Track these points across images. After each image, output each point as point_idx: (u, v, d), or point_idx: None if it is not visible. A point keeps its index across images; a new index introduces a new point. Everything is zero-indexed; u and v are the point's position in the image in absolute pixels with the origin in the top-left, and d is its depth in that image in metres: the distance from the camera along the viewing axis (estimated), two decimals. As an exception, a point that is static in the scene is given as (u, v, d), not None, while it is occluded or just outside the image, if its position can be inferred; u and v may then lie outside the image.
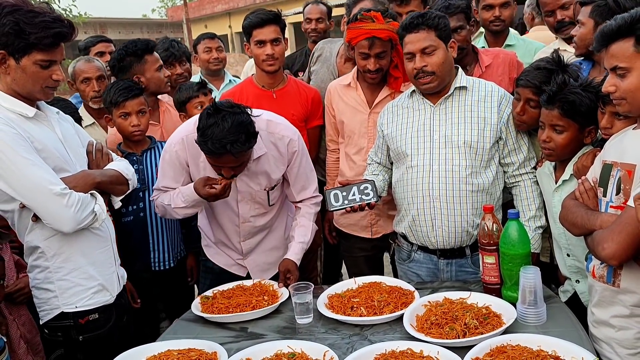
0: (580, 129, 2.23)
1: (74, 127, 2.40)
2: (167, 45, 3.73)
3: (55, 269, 2.20)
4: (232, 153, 2.25)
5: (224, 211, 2.67)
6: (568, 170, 2.27)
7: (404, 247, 2.69)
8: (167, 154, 2.59)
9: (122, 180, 2.38)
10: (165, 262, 2.94)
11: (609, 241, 1.76)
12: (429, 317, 2.07)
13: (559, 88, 2.22)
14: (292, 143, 2.61)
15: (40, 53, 2.05)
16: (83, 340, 2.25)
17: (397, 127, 2.62)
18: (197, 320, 2.36)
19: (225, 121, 2.23)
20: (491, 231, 2.22)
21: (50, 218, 2.09)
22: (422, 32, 2.41)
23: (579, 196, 2.01)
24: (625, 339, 1.86)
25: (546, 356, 1.73)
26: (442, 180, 2.47)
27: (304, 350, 1.96)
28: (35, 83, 2.09)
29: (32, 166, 2.02)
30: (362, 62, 2.86)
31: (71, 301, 2.22)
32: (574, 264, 2.30)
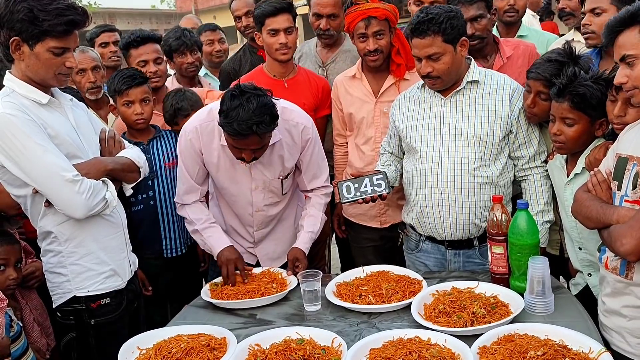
0: (591, 121, 2.22)
1: (87, 114, 2.42)
2: (179, 34, 3.69)
3: (67, 254, 2.23)
4: (258, 134, 2.27)
5: (237, 200, 2.69)
6: (580, 164, 2.27)
7: (412, 237, 2.70)
8: (182, 143, 2.61)
9: (134, 168, 2.39)
10: (177, 249, 2.96)
11: (628, 237, 1.75)
12: (436, 305, 2.08)
13: (569, 81, 2.20)
14: (306, 130, 2.63)
15: (53, 40, 2.06)
16: (95, 324, 2.28)
17: (408, 118, 2.62)
18: (207, 306, 2.38)
19: (250, 102, 2.25)
20: (500, 221, 2.22)
21: (62, 204, 2.11)
22: (428, 39, 2.37)
23: (591, 188, 2.00)
24: (636, 328, 1.86)
25: (553, 345, 1.73)
26: (451, 173, 2.47)
27: (312, 337, 1.97)
28: (48, 70, 2.11)
29: (45, 152, 2.05)
30: (362, 45, 2.87)
31: (83, 285, 2.25)
32: (585, 257, 2.29)
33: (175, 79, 3.77)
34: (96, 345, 2.32)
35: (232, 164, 2.57)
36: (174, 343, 1.97)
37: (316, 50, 3.60)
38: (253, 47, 3.93)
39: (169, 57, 3.64)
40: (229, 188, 2.66)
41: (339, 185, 2.56)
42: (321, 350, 1.89)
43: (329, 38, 3.48)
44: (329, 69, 3.52)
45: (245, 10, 4.00)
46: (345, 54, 3.47)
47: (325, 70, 3.52)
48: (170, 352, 1.92)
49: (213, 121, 2.50)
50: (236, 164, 2.57)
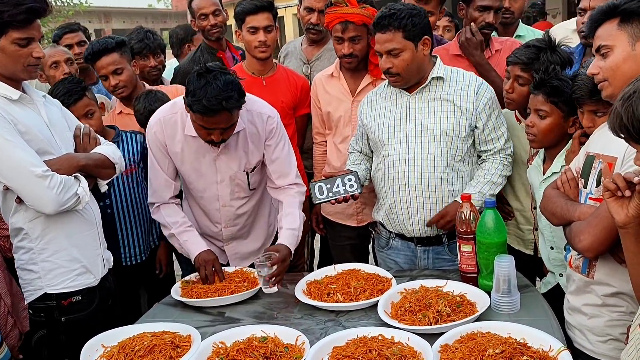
0: (564, 117, 2.23)
1: (61, 111, 2.41)
2: (142, 36, 3.63)
3: (39, 251, 2.22)
4: (228, 109, 2.27)
5: (204, 195, 2.68)
6: (557, 162, 2.27)
7: (382, 234, 2.70)
8: (149, 136, 2.61)
9: (108, 164, 2.38)
10: (137, 257, 2.92)
11: (585, 234, 1.75)
12: (403, 304, 2.08)
13: (547, 74, 2.23)
14: (270, 120, 2.62)
15: (16, 31, 2.06)
16: (65, 321, 2.27)
17: (375, 116, 2.62)
18: (177, 304, 2.38)
19: (217, 79, 2.25)
20: (468, 220, 2.22)
21: (32, 199, 2.11)
22: (389, 34, 2.38)
23: (560, 185, 2.01)
24: (596, 326, 1.86)
25: (513, 343, 1.73)
26: (417, 170, 2.47)
27: (277, 335, 1.97)
28: (16, 62, 2.10)
29: (13, 148, 2.04)
30: (338, 47, 2.88)
31: (54, 282, 2.24)
32: (557, 257, 2.29)
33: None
34: (67, 342, 2.30)
35: (197, 156, 2.57)
36: (137, 341, 1.97)
37: (301, 48, 3.61)
38: (212, 47, 3.85)
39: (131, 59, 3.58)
40: (195, 182, 2.65)
41: (312, 186, 2.57)
42: (284, 348, 1.89)
43: (317, 33, 3.50)
44: (313, 66, 3.53)
45: (213, 9, 3.85)
46: (330, 52, 3.47)
47: (309, 67, 3.53)
48: (133, 350, 1.92)
49: (176, 113, 2.51)
50: (201, 156, 2.56)
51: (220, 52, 3.85)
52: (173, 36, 4.73)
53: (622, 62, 1.72)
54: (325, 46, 3.54)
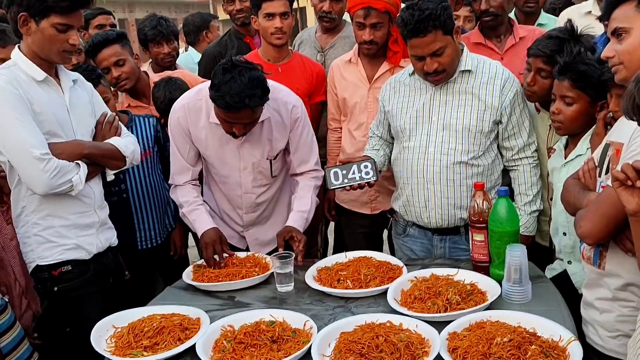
0: (591, 102, 2.17)
1: (91, 97, 2.47)
2: (155, 22, 3.64)
3: (32, 225, 2.31)
4: (250, 107, 2.28)
5: (227, 181, 2.69)
6: (582, 144, 2.21)
7: (400, 222, 2.69)
8: (171, 121, 2.63)
9: (117, 156, 2.42)
10: (152, 240, 2.95)
11: (585, 219, 1.72)
12: (413, 292, 2.07)
13: (573, 58, 2.17)
14: (295, 109, 2.62)
15: (57, 16, 2.14)
16: (58, 291, 2.35)
17: (397, 104, 2.59)
18: (187, 288, 2.40)
19: (242, 76, 2.25)
20: (481, 209, 2.19)
21: (25, 178, 2.20)
22: (430, 35, 2.29)
23: (581, 175, 1.96)
24: (607, 321, 1.82)
25: (523, 332, 1.71)
26: (437, 163, 2.44)
27: (285, 319, 1.97)
28: (52, 46, 2.19)
29: (20, 127, 2.12)
30: (359, 33, 2.86)
31: (44, 255, 2.33)
32: (569, 243, 2.25)
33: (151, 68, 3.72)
34: (62, 311, 2.40)
35: (221, 143, 2.58)
36: (146, 322, 1.99)
37: (315, 36, 3.59)
38: (240, 32, 3.89)
39: (144, 46, 3.59)
40: (219, 168, 2.66)
41: (327, 171, 2.55)
42: (291, 332, 1.89)
43: (330, 21, 3.47)
44: (327, 54, 3.50)
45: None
46: (344, 40, 3.46)
47: (323, 55, 3.51)
48: (142, 331, 1.93)
49: (201, 100, 2.51)
50: (225, 143, 2.57)
51: (248, 37, 3.86)
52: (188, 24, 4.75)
53: (639, 45, 1.68)
54: (339, 34, 3.52)
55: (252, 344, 1.82)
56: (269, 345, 1.81)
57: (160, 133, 2.98)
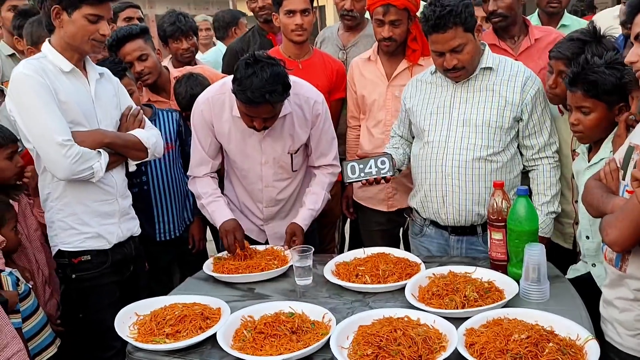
0: (608, 107, 2.16)
1: (115, 90, 2.56)
2: (174, 19, 3.68)
3: (57, 211, 2.41)
4: (270, 102, 2.32)
5: (248, 175, 2.73)
6: (605, 147, 2.20)
7: (417, 221, 2.70)
8: (195, 114, 2.68)
9: (140, 147, 2.50)
10: (171, 232, 3.00)
11: (612, 227, 1.72)
12: (430, 288, 2.09)
13: (582, 68, 2.16)
14: (317, 105, 2.66)
15: (89, 7, 2.26)
16: (75, 278, 2.44)
17: (419, 102, 2.61)
18: (208, 279, 2.44)
19: (264, 71, 2.29)
20: (500, 207, 2.20)
21: (48, 163, 2.29)
22: (450, 32, 2.32)
23: (603, 177, 1.96)
24: (626, 320, 1.83)
25: (540, 330, 1.72)
26: (456, 158, 2.45)
27: (304, 312, 2.00)
28: (84, 36, 2.30)
29: (45, 113, 2.22)
30: (378, 30, 2.89)
31: (67, 241, 2.42)
32: (592, 246, 2.25)
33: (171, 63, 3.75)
34: (77, 298, 2.49)
35: (243, 137, 2.62)
36: (168, 310, 2.03)
37: (338, 34, 3.62)
38: (263, 29, 3.94)
39: (164, 42, 3.62)
40: (240, 162, 2.70)
41: (344, 165, 2.57)
42: (310, 324, 1.92)
43: (352, 19, 3.49)
44: (349, 52, 3.53)
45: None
46: (366, 38, 3.48)
47: (345, 53, 3.54)
48: (164, 319, 1.98)
49: (225, 94, 2.56)
50: (247, 137, 2.61)
51: (271, 34, 3.91)
52: (218, 20, 4.83)
53: None
54: (362, 32, 3.54)
55: (272, 334, 1.85)
56: (288, 335, 1.84)
57: (182, 127, 3.02)
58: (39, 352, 2.35)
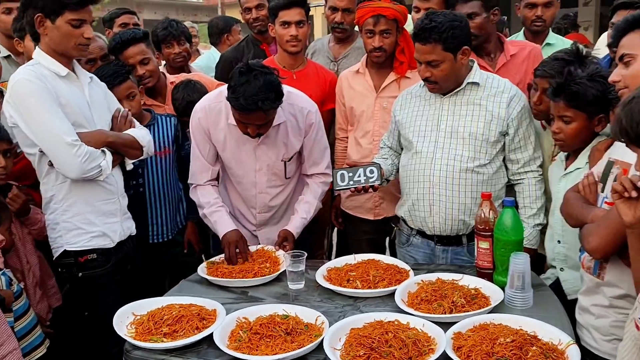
0: (588, 118, 2.27)
1: (105, 94, 2.64)
2: (166, 24, 3.74)
3: (61, 212, 2.46)
4: (263, 110, 2.39)
5: (242, 181, 2.80)
6: (582, 158, 2.32)
7: (404, 230, 2.78)
8: (193, 122, 2.75)
9: (136, 146, 2.58)
10: (163, 235, 3.05)
11: (594, 235, 1.83)
12: (419, 293, 2.17)
13: (565, 79, 2.27)
14: (310, 115, 2.74)
15: (71, 13, 2.32)
16: (82, 276, 2.49)
17: (408, 114, 2.70)
18: (202, 282, 2.49)
19: (257, 79, 2.37)
20: (487, 217, 2.29)
21: (59, 163, 2.34)
22: (429, 45, 2.43)
23: (581, 189, 2.06)
24: (602, 326, 1.94)
25: (524, 334, 1.81)
26: (444, 168, 2.54)
27: (298, 314, 2.07)
28: (69, 42, 2.36)
29: (51, 116, 2.28)
30: (368, 41, 2.98)
31: (72, 241, 2.48)
32: (562, 251, 2.37)
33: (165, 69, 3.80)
34: (84, 296, 2.55)
35: (238, 144, 2.68)
36: (166, 311, 2.09)
37: (329, 46, 3.71)
38: (257, 39, 4.02)
39: (157, 48, 3.66)
40: (235, 168, 2.77)
41: (334, 173, 2.65)
42: (304, 326, 1.99)
43: (342, 32, 3.58)
44: (340, 64, 3.62)
45: (256, 3, 4.03)
46: (357, 50, 3.56)
47: (336, 65, 3.62)
48: (162, 319, 2.03)
49: (221, 102, 2.62)
50: (242, 144, 2.68)
51: (264, 44, 3.99)
52: (213, 26, 4.93)
53: None
54: (352, 45, 3.63)
55: (267, 335, 1.91)
56: (283, 336, 1.91)
57: (179, 132, 3.08)
58: (29, 352, 2.39)
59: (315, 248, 3.39)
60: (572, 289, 2.31)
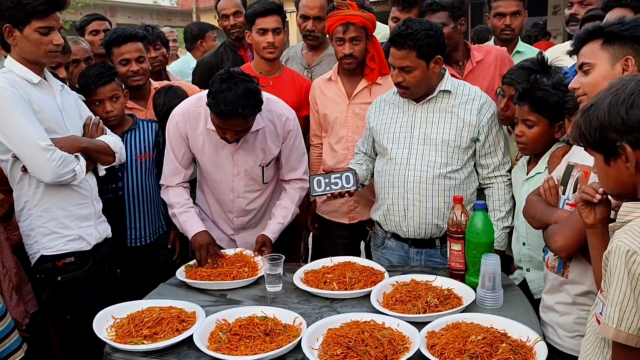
0: (550, 123, 2.37)
1: (76, 102, 2.67)
2: (142, 29, 3.73)
3: (36, 218, 2.48)
4: (243, 116, 2.43)
5: (220, 186, 2.83)
6: (542, 163, 2.42)
7: (379, 234, 2.85)
8: (170, 126, 2.78)
9: (109, 152, 2.63)
10: (142, 239, 3.05)
11: (559, 235, 1.93)
12: (394, 294, 2.23)
13: (531, 85, 2.38)
14: (288, 122, 2.79)
15: (38, 21, 2.35)
16: (61, 280, 2.51)
17: (382, 121, 2.77)
18: (181, 285, 2.52)
19: (237, 86, 2.41)
20: (459, 220, 2.37)
21: (33, 168, 2.37)
22: (404, 51, 2.50)
23: (542, 193, 2.17)
24: (566, 323, 2.03)
25: (494, 332, 1.89)
26: (417, 174, 2.61)
27: (276, 316, 2.11)
28: (38, 49, 2.39)
29: (25, 122, 2.31)
30: (339, 48, 3.05)
31: (49, 245, 2.50)
32: (528, 253, 2.46)
33: None
34: (64, 299, 2.56)
35: (216, 149, 2.72)
36: (146, 313, 2.11)
37: (302, 53, 3.76)
38: (234, 45, 4.07)
39: None
40: (213, 173, 2.80)
41: (311, 178, 2.71)
42: (282, 327, 2.03)
43: (314, 39, 3.64)
44: (314, 71, 3.68)
45: (233, 10, 4.09)
46: (330, 57, 3.62)
47: (310, 72, 3.68)
48: (142, 321, 2.06)
49: (201, 107, 2.66)
50: (220, 149, 2.72)
51: (241, 50, 4.03)
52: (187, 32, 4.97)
53: (602, 80, 1.86)
54: (325, 51, 3.69)
55: (247, 336, 1.96)
56: (262, 337, 1.95)
57: (160, 138, 3.11)
58: (7, 356, 2.39)
59: (292, 252, 3.44)
60: (537, 289, 2.41)
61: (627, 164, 1.44)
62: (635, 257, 1.33)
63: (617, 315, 1.36)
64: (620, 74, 1.84)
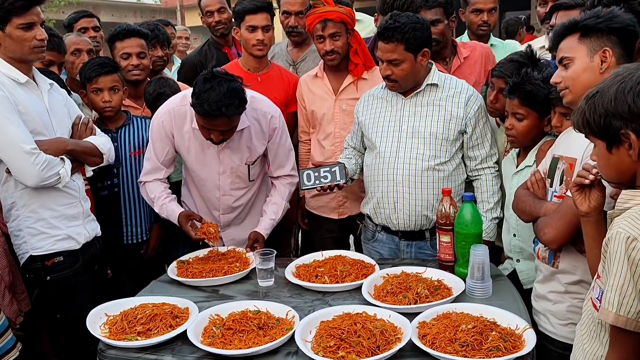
0: (539, 117, 2.41)
1: (65, 100, 2.64)
2: (153, 27, 3.77)
3: (24, 218, 2.48)
4: (227, 115, 2.44)
5: (206, 184, 2.84)
6: (530, 157, 2.46)
7: (369, 227, 2.88)
8: (154, 125, 2.78)
9: (96, 153, 2.62)
10: (138, 236, 3.08)
11: (549, 227, 1.96)
12: (385, 286, 2.26)
13: (521, 79, 2.41)
14: (274, 120, 2.80)
15: (18, 17, 2.33)
16: (51, 280, 2.51)
17: (370, 115, 2.80)
18: (172, 282, 2.53)
19: (221, 86, 2.41)
20: (448, 212, 2.40)
21: (16, 171, 2.35)
22: (392, 44, 2.53)
23: (530, 186, 2.20)
24: (558, 311, 2.07)
25: (484, 321, 1.92)
26: (406, 167, 2.64)
27: (269, 310, 2.13)
28: (23, 46, 2.37)
29: (9, 124, 2.28)
30: (320, 46, 3.06)
31: (37, 245, 2.50)
32: (518, 244, 2.50)
33: None
34: (54, 299, 2.56)
35: (202, 147, 2.73)
36: (139, 310, 2.12)
37: (287, 50, 3.78)
38: (218, 43, 4.08)
39: None
40: (198, 171, 2.81)
41: (300, 172, 2.73)
42: (275, 320, 2.05)
43: (297, 35, 3.66)
44: (299, 67, 3.70)
45: (218, 7, 4.10)
46: (314, 53, 3.63)
47: (295, 68, 3.70)
48: (135, 318, 2.06)
49: (186, 105, 2.66)
50: (206, 148, 2.72)
51: (226, 47, 4.03)
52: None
53: (582, 72, 1.91)
54: (310, 48, 3.71)
55: (240, 330, 1.97)
56: (255, 331, 1.97)
57: None
58: (1, 355, 2.39)
59: (282, 247, 3.46)
60: (527, 279, 2.45)
61: (630, 151, 1.47)
62: (635, 243, 1.36)
63: (617, 300, 1.39)
64: (598, 65, 1.88)
